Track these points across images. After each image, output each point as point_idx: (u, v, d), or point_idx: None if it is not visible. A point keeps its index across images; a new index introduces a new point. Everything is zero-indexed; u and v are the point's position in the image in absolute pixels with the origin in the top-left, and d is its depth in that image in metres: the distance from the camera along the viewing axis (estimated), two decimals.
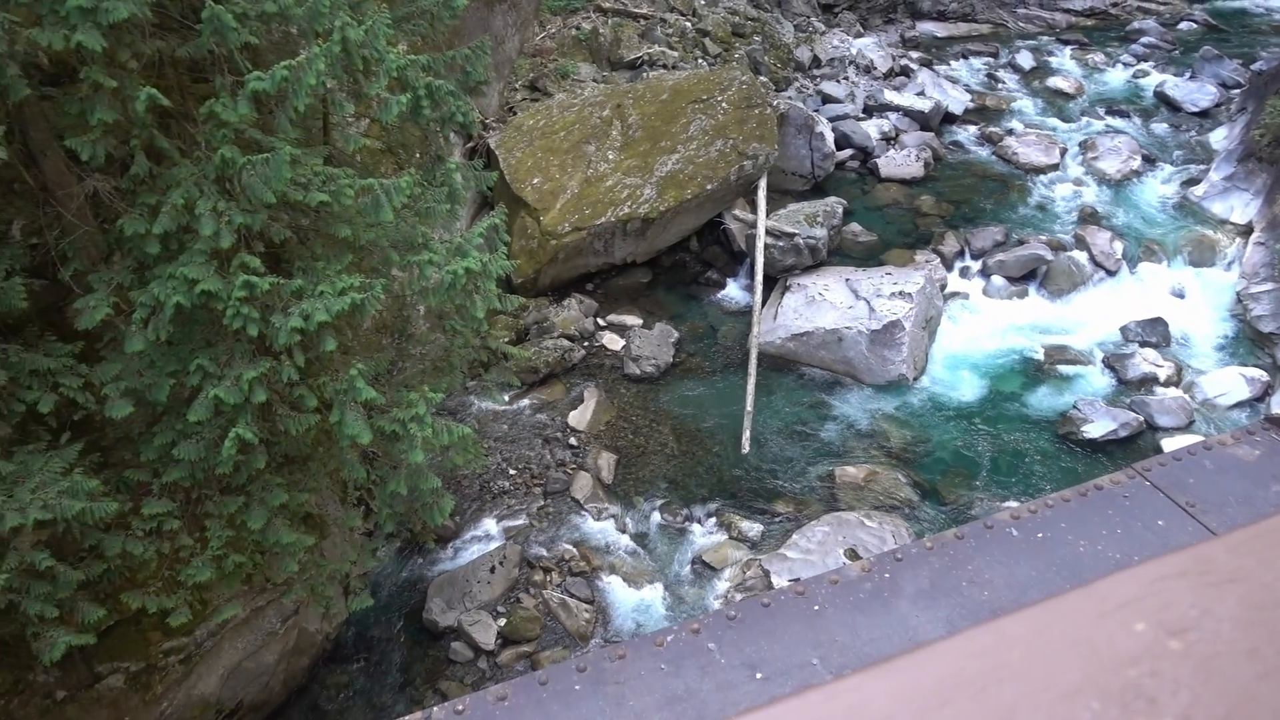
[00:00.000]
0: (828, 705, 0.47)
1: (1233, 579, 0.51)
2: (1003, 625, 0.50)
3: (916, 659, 0.49)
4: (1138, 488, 2.15)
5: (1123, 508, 2.11)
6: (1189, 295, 14.11)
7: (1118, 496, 2.15)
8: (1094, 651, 0.48)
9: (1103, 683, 0.46)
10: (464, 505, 10.65)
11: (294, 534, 6.72)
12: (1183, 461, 2.18)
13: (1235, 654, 0.47)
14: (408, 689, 8.93)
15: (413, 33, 8.40)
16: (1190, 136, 18.03)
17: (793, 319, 13.07)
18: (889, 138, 17.72)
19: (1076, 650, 0.48)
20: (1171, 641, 0.48)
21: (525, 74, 16.99)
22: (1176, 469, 2.17)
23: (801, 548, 9.97)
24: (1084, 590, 0.51)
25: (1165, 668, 0.47)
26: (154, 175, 6.15)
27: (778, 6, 22.32)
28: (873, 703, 0.47)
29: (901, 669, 0.48)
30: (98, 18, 5.27)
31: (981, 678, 0.47)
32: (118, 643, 7.01)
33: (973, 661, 0.48)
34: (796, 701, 0.48)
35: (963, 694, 0.47)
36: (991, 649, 0.48)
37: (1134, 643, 0.48)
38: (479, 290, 7.26)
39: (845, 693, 0.47)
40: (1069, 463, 11.45)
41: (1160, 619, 0.49)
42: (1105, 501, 2.14)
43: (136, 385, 6.19)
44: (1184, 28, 23.46)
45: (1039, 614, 0.50)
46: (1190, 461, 2.17)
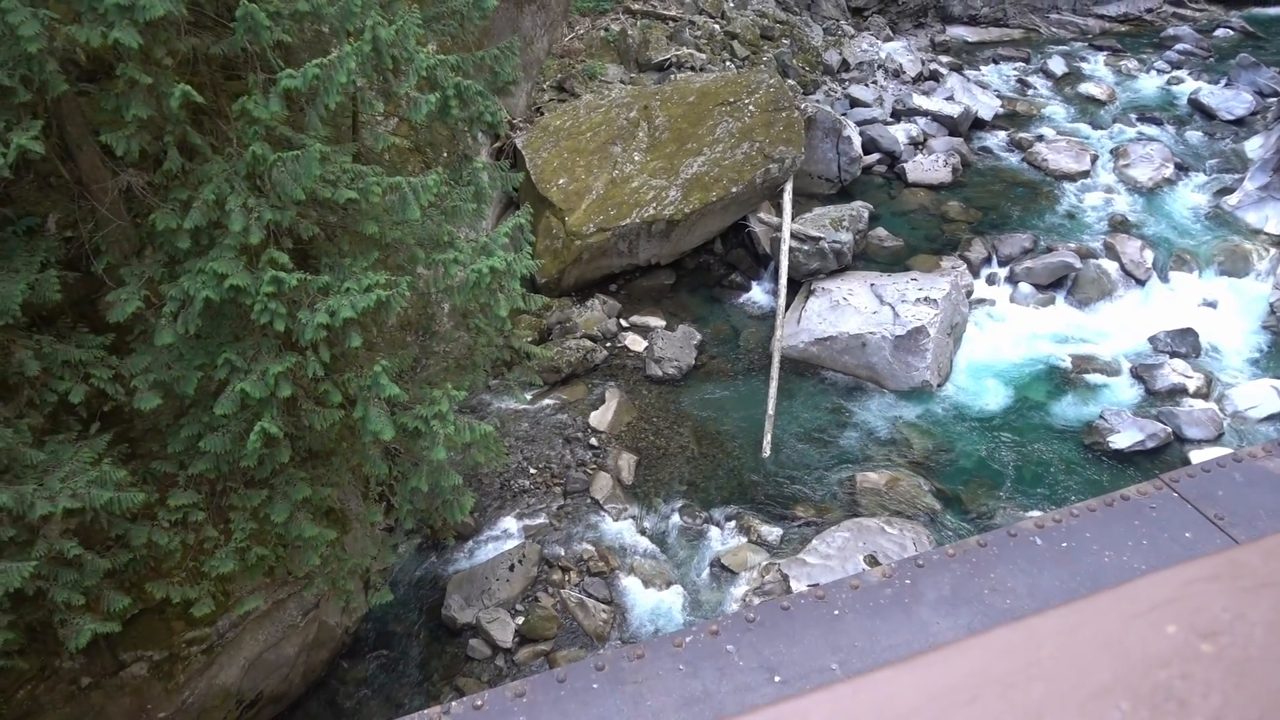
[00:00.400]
0: (853, 699, 0.47)
1: (1266, 584, 0.50)
2: (1032, 624, 0.49)
3: (942, 655, 0.49)
4: (1165, 499, 2.12)
5: (1149, 519, 2.08)
6: (1220, 306, 13.89)
7: (1145, 507, 2.12)
8: (1124, 652, 0.47)
9: (1133, 683, 0.46)
10: (484, 503, 10.70)
11: (316, 528, 6.78)
12: (1212, 473, 2.15)
13: (1269, 658, 0.47)
14: (425, 685, 8.98)
15: (442, 32, 8.46)
16: (1225, 145, 17.76)
17: (816, 323, 13.01)
18: (917, 142, 17.60)
19: (1107, 651, 0.47)
20: (1203, 644, 0.47)
21: (553, 74, 17.05)
22: (1205, 481, 2.14)
23: (821, 553, 9.92)
24: (1114, 592, 0.50)
25: (1196, 670, 0.46)
26: (186, 171, 6.23)
27: (807, 9, 22.25)
28: (898, 698, 0.47)
29: (928, 665, 0.48)
30: (135, 15, 5.36)
31: (1009, 676, 0.47)
32: (142, 631, 7.11)
33: (1000, 660, 0.48)
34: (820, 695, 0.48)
35: (989, 691, 0.46)
36: (1020, 648, 0.48)
37: (1165, 645, 0.48)
38: (503, 289, 7.29)
39: (869, 688, 0.47)
40: (1094, 473, 11.31)
41: (1192, 622, 0.49)
42: (1132, 512, 2.11)
43: (165, 378, 6.28)
44: (1220, 34, 23.11)
45: (1069, 614, 0.49)
46: (1220, 474, 2.14)
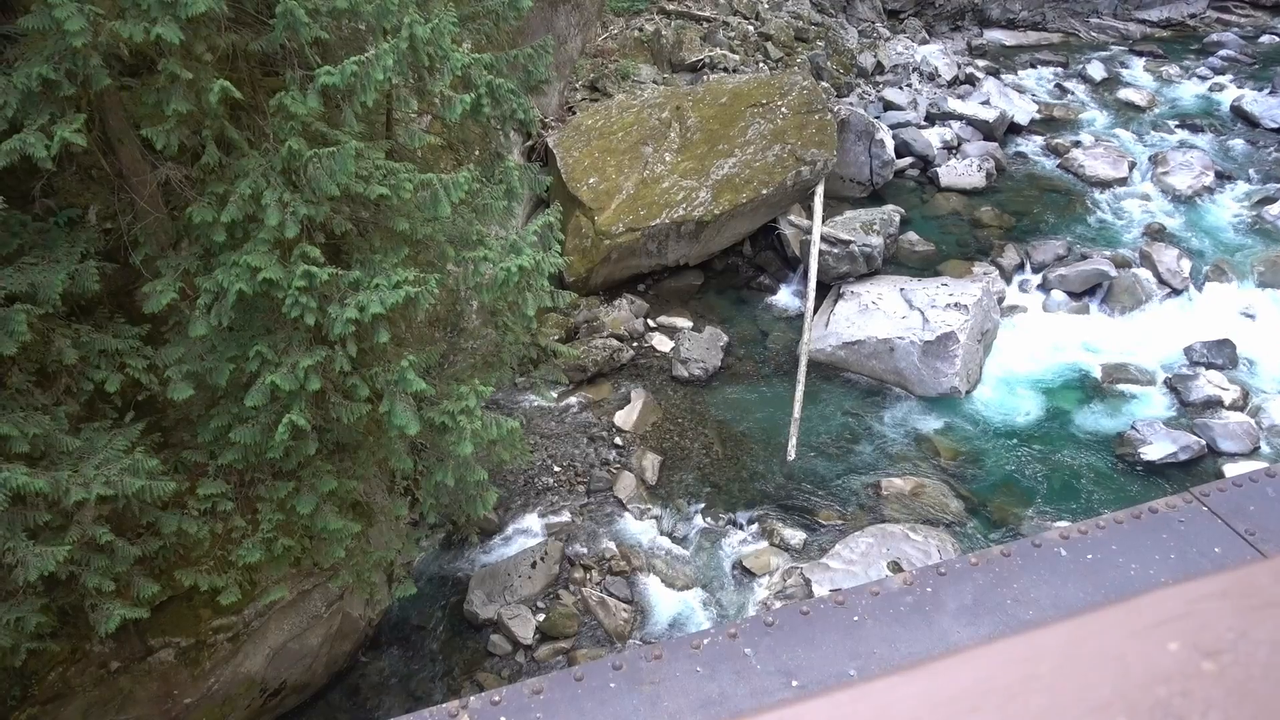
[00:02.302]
0: (856, 705, 0.47)
1: (1275, 603, 0.49)
2: (1036, 637, 0.49)
3: (948, 664, 0.49)
4: (1195, 512, 2.09)
5: (1178, 532, 2.04)
6: (1259, 317, 13.62)
7: (1173, 520, 2.08)
8: (1126, 668, 0.47)
9: (1132, 699, 0.46)
10: (508, 500, 10.76)
11: (341, 520, 6.86)
12: (1244, 488, 2.11)
13: (1270, 679, 0.46)
14: (445, 678, 9.05)
15: (477, 31, 8.52)
16: (1268, 153, 17.40)
17: (844, 327, 12.93)
18: (951, 147, 17.43)
19: (1108, 665, 0.47)
20: (1205, 662, 0.47)
21: (586, 74, 17.09)
22: (1237, 495, 2.10)
23: (844, 558, 9.86)
24: (1121, 606, 0.50)
25: (1197, 688, 0.46)
26: (223, 165, 6.33)
27: (842, 12, 22.11)
28: (902, 704, 0.47)
29: (934, 673, 0.48)
30: (177, 11, 5.45)
31: (1011, 687, 0.47)
32: (170, 618, 7.23)
33: (1003, 670, 0.48)
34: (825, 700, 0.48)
35: (990, 701, 0.46)
36: (1023, 659, 0.48)
37: (1167, 661, 0.47)
38: (531, 288, 7.33)
39: (875, 694, 0.48)
40: (1125, 484, 11.14)
41: (1196, 639, 0.48)
42: (1160, 525, 2.08)
43: (198, 369, 6.38)
44: (1266, 41, 22.65)
45: (1073, 628, 0.49)
46: (1252, 488, 2.10)
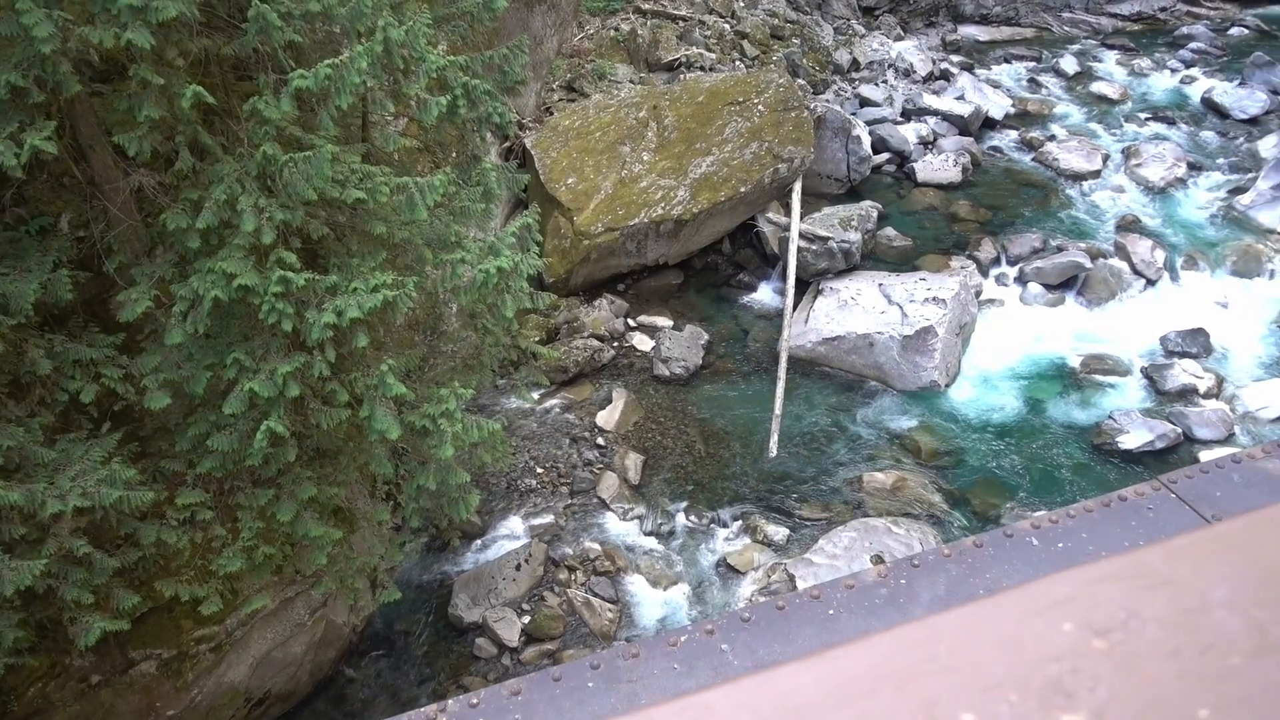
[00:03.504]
0: (756, 691, 0.49)
1: (1165, 582, 0.51)
2: (936, 622, 0.51)
3: (848, 651, 0.50)
4: (1163, 500, 2.12)
5: (1146, 519, 2.08)
6: (1232, 306, 13.81)
7: (1142, 508, 2.12)
8: (1020, 649, 0.49)
9: (1024, 678, 0.47)
10: (491, 503, 10.74)
11: (322, 527, 6.83)
12: (1210, 474, 2.15)
13: (1157, 654, 0.48)
14: (431, 683, 9.02)
15: (452, 33, 8.50)
16: (1238, 144, 17.64)
17: (824, 323, 13.00)
18: (927, 142, 17.55)
19: (1003, 647, 0.49)
20: (1096, 641, 0.49)
21: (563, 74, 17.08)
22: (1203, 482, 2.14)
23: (827, 553, 9.92)
24: (1019, 590, 0.52)
25: (1086, 665, 0.48)
26: (197, 171, 6.28)
27: (817, 9, 22.21)
28: (804, 689, 0.48)
29: (832, 660, 0.50)
30: (147, 16, 5.40)
31: (908, 670, 0.48)
32: (151, 629, 7.16)
33: (902, 655, 0.49)
34: (723, 689, 0.50)
35: (888, 684, 0.48)
36: (921, 644, 0.50)
37: (1060, 641, 0.49)
38: (510, 289, 7.32)
39: (774, 680, 0.49)
40: (1103, 474, 11.26)
41: (1089, 619, 0.50)
42: (1129, 513, 2.11)
43: (175, 377, 6.33)
44: (1234, 33, 22.95)
45: (972, 612, 0.51)
46: (1218, 474, 2.14)
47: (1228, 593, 0.52)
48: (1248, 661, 0.48)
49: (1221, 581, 0.52)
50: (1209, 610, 0.51)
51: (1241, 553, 0.54)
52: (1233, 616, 0.50)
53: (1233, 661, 0.48)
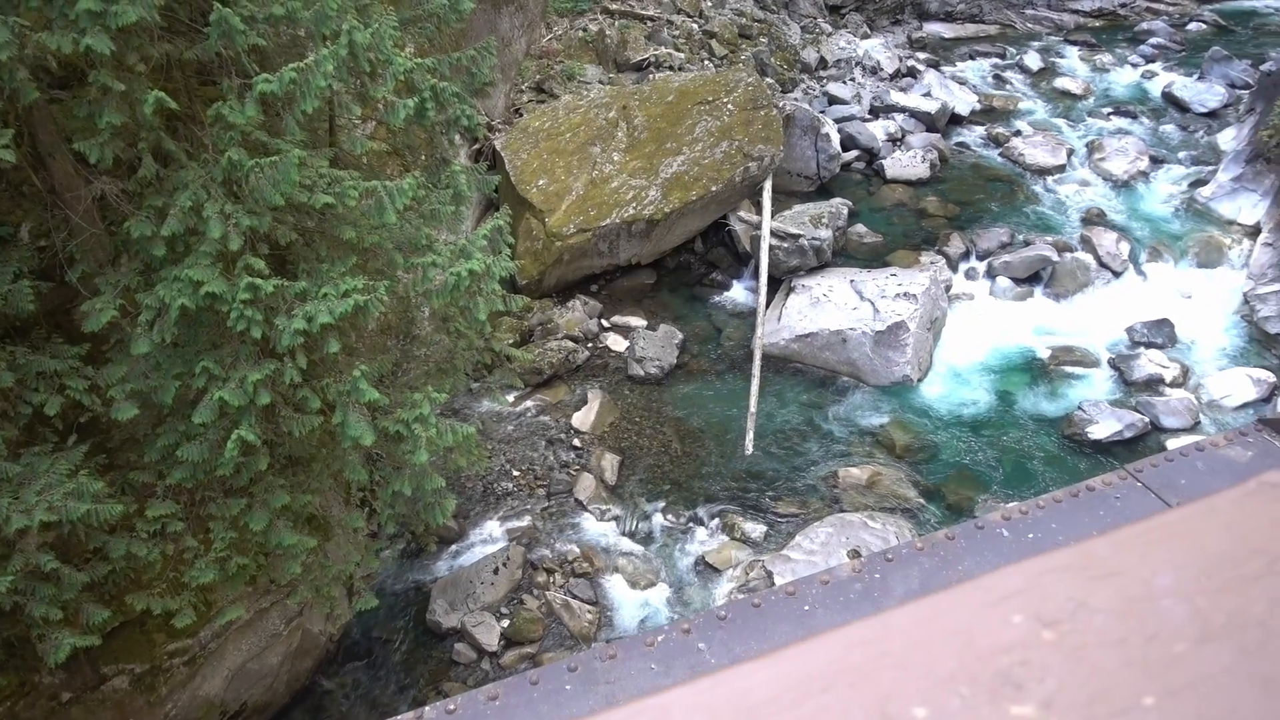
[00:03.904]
0: (715, 691, 0.49)
1: (1112, 573, 0.53)
2: (890, 617, 0.52)
3: (808, 647, 0.51)
4: (1129, 488, 2.16)
5: (1114, 508, 2.11)
6: (1196, 296, 14.06)
7: (1109, 497, 2.15)
8: (971, 641, 0.50)
9: (975, 671, 0.48)
10: (467, 507, 10.69)
11: (296, 535, 6.75)
12: (1174, 462, 2.19)
13: (1104, 644, 0.49)
14: (410, 690, 8.96)
15: (419, 35, 8.45)
16: (1198, 137, 17.97)
17: (797, 320, 13.07)
18: (895, 139, 17.70)
19: (955, 640, 0.50)
20: (1045, 632, 0.50)
21: (531, 76, 17.03)
22: (1168, 470, 2.18)
23: (805, 549, 9.97)
24: (972, 583, 0.52)
25: (1036, 657, 0.49)
26: (161, 178, 6.19)
27: (784, 8, 22.32)
28: (760, 688, 0.48)
29: (792, 657, 0.50)
30: (106, 21, 5.32)
31: (863, 665, 0.49)
32: (122, 644, 7.05)
33: (857, 650, 0.50)
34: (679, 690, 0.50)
35: (843, 680, 0.49)
36: (875, 639, 0.50)
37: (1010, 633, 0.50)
38: (482, 292, 7.29)
39: (735, 679, 0.49)
40: (1073, 464, 11.42)
41: (1038, 610, 0.51)
42: (1096, 502, 2.14)
43: (142, 387, 6.24)
44: (1193, 28, 23.38)
45: (925, 606, 0.52)
46: (1182, 462, 2.18)
47: (1173, 581, 0.53)
48: (1191, 648, 0.49)
49: (1167, 570, 0.53)
50: (1155, 599, 0.52)
51: (1186, 541, 0.55)
52: (1178, 604, 0.51)
53: (1177, 649, 0.49)
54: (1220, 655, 0.49)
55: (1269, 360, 12.80)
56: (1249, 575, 0.53)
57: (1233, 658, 0.49)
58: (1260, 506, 0.57)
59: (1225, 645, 0.49)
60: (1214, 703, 0.47)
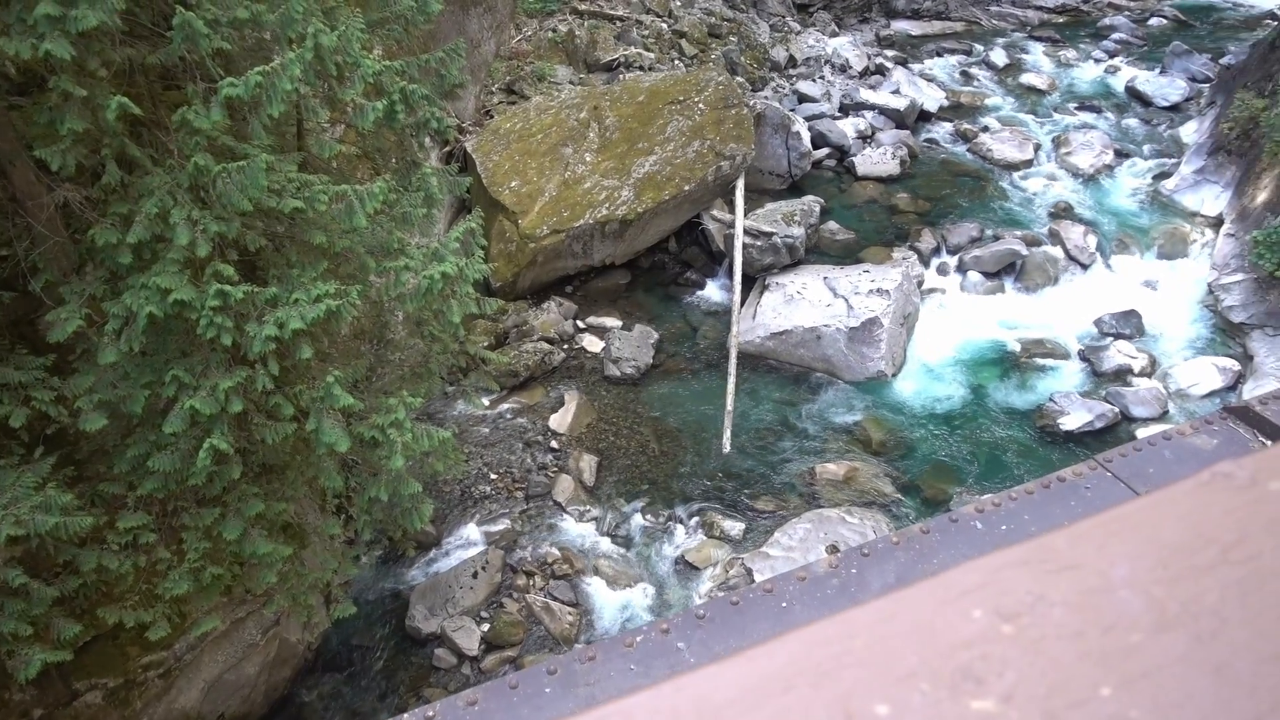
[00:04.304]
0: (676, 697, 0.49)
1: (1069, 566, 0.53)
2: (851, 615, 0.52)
3: (769, 649, 0.51)
4: (1099, 478, 2.19)
5: (1084, 498, 2.14)
6: (1162, 287, 14.30)
7: (1080, 488, 2.18)
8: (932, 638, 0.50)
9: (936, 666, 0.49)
10: (445, 511, 10.63)
11: (271, 544, 6.68)
12: (1143, 452, 2.22)
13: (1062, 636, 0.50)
14: (391, 697, 8.90)
15: (387, 37, 8.39)
16: (1161, 131, 18.27)
17: (772, 318, 13.13)
18: (865, 136, 17.83)
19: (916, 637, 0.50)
20: (1004, 626, 0.51)
21: (501, 77, 16.97)
22: (1137, 459, 2.21)
23: (783, 545, 10.02)
24: (932, 580, 0.53)
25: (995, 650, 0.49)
26: (126, 184, 6.10)
27: (753, 7, 22.41)
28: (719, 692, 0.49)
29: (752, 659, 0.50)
30: (66, 26, 5.23)
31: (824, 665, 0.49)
32: (95, 659, 6.94)
33: (818, 649, 0.50)
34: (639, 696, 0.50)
35: (804, 680, 0.49)
36: (836, 638, 0.51)
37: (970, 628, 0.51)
38: (456, 295, 7.25)
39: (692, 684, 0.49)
40: (1046, 455, 11.57)
41: (997, 605, 0.52)
42: (1068, 493, 2.18)
43: (110, 397, 6.14)
44: (1154, 23, 23.77)
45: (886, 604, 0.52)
46: (1150, 451, 2.22)
47: (1129, 572, 0.54)
48: (1147, 638, 0.50)
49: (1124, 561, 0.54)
50: (1112, 590, 0.53)
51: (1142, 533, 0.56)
52: (1134, 595, 0.52)
53: (1133, 639, 0.50)
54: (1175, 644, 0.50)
55: (1233, 349, 13.04)
56: (1202, 565, 0.54)
57: (1187, 647, 0.50)
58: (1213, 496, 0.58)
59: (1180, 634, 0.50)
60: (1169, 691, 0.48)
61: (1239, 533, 0.54)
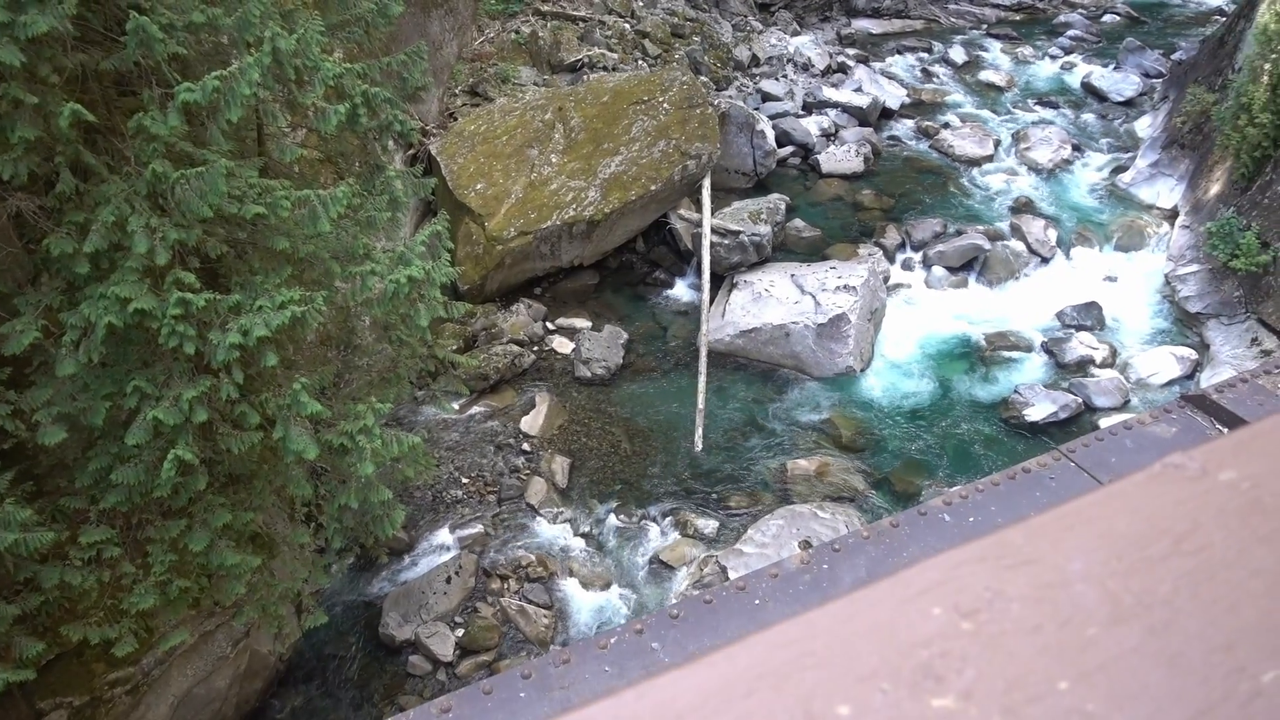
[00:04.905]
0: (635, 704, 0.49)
1: (1026, 561, 0.55)
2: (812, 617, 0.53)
3: (729, 653, 0.51)
4: (1063, 469, 2.23)
5: (1049, 489, 2.18)
6: (1121, 279, 14.57)
7: (1045, 478, 2.22)
8: (892, 637, 0.51)
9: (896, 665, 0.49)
10: (416, 517, 10.54)
11: (239, 555, 6.58)
12: (1105, 441, 2.27)
13: (1020, 631, 0.51)
14: (365, 706, 8.81)
15: (348, 40, 8.30)
16: (1117, 125, 18.62)
17: (740, 316, 13.18)
18: (829, 134, 17.97)
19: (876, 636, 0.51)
20: (964, 623, 0.51)
21: (465, 79, 16.86)
22: (1099, 449, 2.26)
23: (757, 542, 10.07)
24: (892, 579, 0.54)
25: (955, 647, 0.50)
26: (81, 193, 5.98)
27: (715, 6, 22.49)
28: (681, 698, 0.49)
29: (714, 664, 0.51)
30: (15, 32, 5.12)
31: (785, 667, 0.50)
32: (60, 677, 6.79)
33: (779, 652, 0.51)
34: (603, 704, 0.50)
35: (765, 684, 0.49)
36: (798, 640, 0.51)
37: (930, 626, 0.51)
38: (423, 299, 7.20)
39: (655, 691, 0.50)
40: (1012, 446, 11.74)
41: (956, 602, 0.53)
42: (1033, 483, 2.21)
43: (70, 410, 6.02)
44: (1107, 20, 24.22)
45: (846, 605, 0.53)
46: (1112, 441, 2.26)
47: (1084, 565, 0.55)
48: (1103, 631, 0.51)
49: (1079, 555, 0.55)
50: (1068, 584, 0.54)
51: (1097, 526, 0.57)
52: (1089, 589, 0.53)
53: (1089, 632, 0.51)
54: (1129, 636, 0.51)
55: (1191, 338, 13.33)
56: (1156, 556, 0.55)
57: (1141, 638, 0.51)
58: (1165, 488, 0.59)
59: (1134, 626, 0.51)
60: (1124, 682, 0.49)
61: (1190, 523, 0.56)
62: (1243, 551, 0.55)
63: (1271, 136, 13.30)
